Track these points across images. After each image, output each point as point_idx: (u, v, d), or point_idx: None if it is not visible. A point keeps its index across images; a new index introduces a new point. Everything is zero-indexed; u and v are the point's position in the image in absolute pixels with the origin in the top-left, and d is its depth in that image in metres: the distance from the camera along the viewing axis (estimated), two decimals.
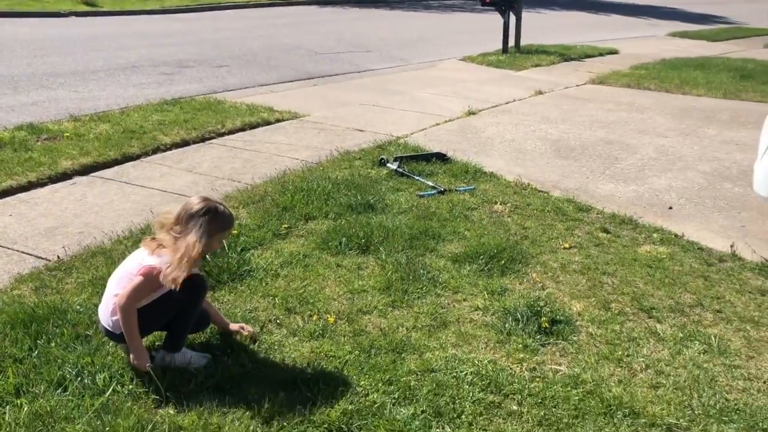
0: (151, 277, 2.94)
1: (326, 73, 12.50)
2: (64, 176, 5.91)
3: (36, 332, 3.30)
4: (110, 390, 2.93)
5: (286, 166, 6.39)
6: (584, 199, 5.90)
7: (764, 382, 3.27)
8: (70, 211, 5.14)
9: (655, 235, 5.15)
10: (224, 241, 3.22)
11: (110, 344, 3.27)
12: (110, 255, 4.27)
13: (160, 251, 2.98)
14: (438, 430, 2.81)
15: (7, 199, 5.33)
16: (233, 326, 3.43)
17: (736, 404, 3.08)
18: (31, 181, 5.68)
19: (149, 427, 2.73)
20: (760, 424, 2.95)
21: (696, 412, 3.01)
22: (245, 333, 3.40)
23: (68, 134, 6.93)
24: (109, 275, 3.84)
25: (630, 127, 8.81)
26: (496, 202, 5.63)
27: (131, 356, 3.04)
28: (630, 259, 4.66)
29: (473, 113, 9.26)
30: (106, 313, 3.09)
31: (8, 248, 4.43)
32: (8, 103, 8.57)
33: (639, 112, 9.86)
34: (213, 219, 3.02)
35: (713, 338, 3.64)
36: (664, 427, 2.91)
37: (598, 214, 5.58)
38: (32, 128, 7.04)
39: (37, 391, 2.92)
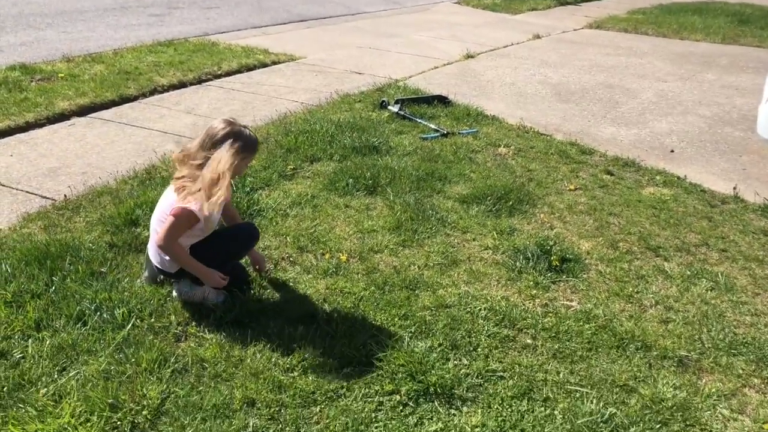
0: (182, 217, 2.90)
1: (319, 15, 12.26)
2: (62, 117, 5.81)
3: (51, 269, 3.30)
4: (130, 324, 2.95)
5: (286, 108, 6.31)
6: (587, 142, 5.90)
7: None
8: (71, 151, 5.07)
9: (658, 178, 5.18)
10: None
11: (126, 280, 3.28)
12: (117, 194, 4.24)
13: (186, 189, 2.91)
14: (456, 361, 2.87)
15: (6, 139, 5.24)
16: (256, 255, 3.44)
17: (744, 338, 3.16)
18: (29, 122, 5.58)
19: (171, 359, 2.77)
20: None
21: (706, 345, 3.09)
22: (263, 268, 3.41)
23: (62, 75, 6.79)
24: (118, 215, 3.86)
25: (629, 72, 8.76)
26: (499, 145, 5.62)
27: (205, 283, 3.09)
28: (635, 200, 4.69)
29: (471, 57, 9.15)
30: (154, 252, 3.11)
31: (13, 188, 4.38)
32: None
33: (638, 56, 9.79)
34: (239, 142, 2.92)
35: (720, 276, 3.70)
36: (676, 359, 2.98)
37: (601, 156, 5.59)
38: (25, 69, 6.88)
39: (57, 326, 2.93)
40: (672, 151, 5.89)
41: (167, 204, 3.00)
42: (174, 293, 3.17)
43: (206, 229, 3.05)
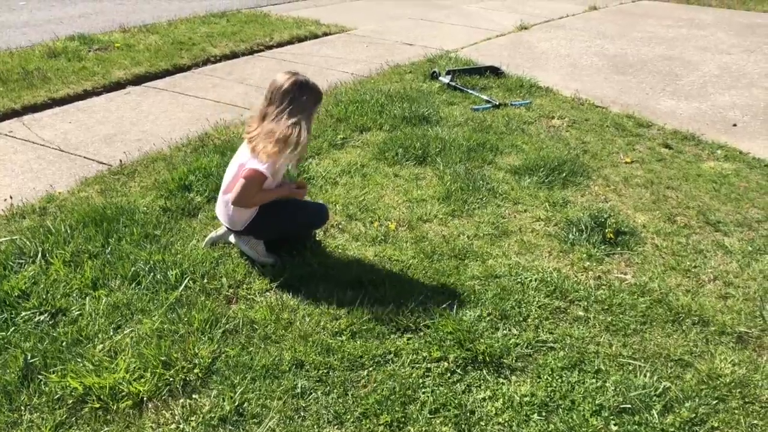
0: (253, 179, 2.91)
1: None
2: (118, 86, 5.92)
3: (107, 231, 3.38)
4: (183, 285, 3.00)
5: (336, 78, 6.29)
6: (644, 115, 5.71)
7: None
8: (127, 119, 5.17)
9: (719, 152, 4.99)
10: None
11: (179, 243, 3.33)
12: (170, 161, 4.31)
13: (258, 146, 2.89)
14: (505, 331, 2.83)
15: (66, 107, 5.37)
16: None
17: None
18: (87, 90, 5.71)
19: (223, 320, 2.81)
20: None
21: None
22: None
23: (119, 45, 6.91)
24: (171, 180, 3.92)
25: (690, 44, 8.43)
26: (553, 117, 5.49)
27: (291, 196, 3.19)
28: (694, 174, 4.53)
29: (525, 28, 8.95)
30: (222, 211, 3.15)
31: (71, 153, 4.50)
32: (57, 15, 8.54)
33: (699, 28, 9.41)
34: (305, 92, 2.91)
35: None
36: (735, 335, 2.88)
37: (659, 130, 5.41)
38: (83, 39, 7.03)
39: (112, 285, 3.01)
40: (735, 125, 5.65)
41: (240, 162, 3.00)
42: (233, 237, 3.23)
43: (273, 181, 3.05)
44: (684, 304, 3.06)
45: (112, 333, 2.72)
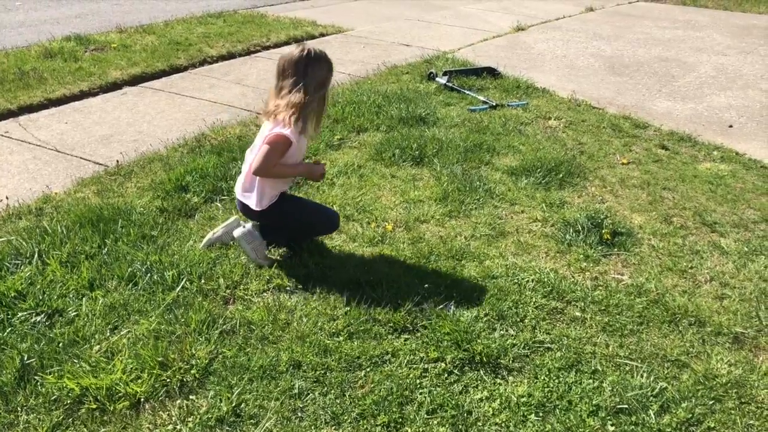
0: (276, 143, 2.88)
1: None
2: (114, 86, 5.92)
3: (104, 231, 3.37)
4: (180, 286, 3.00)
5: (333, 79, 6.26)
6: (641, 116, 5.73)
7: None
8: (124, 119, 5.16)
9: (715, 153, 5.01)
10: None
11: (176, 244, 3.33)
12: (167, 161, 4.30)
13: (279, 115, 2.89)
14: (502, 332, 2.83)
15: (62, 107, 5.36)
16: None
17: None
18: (83, 90, 5.70)
19: (220, 321, 2.80)
20: None
21: (763, 322, 2.98)
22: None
23: (115, 45, 6.90)
24: (168, 181, 3.92)
25: (687, 45, 8.45)
26: (550, 118, 5.50)
27: (310, 178, 3.26)
28: (690, 175, 4.54)
29: (522, 29, 8.96)
30: (239, 190, 3.13)
31: (67, 154, 4.49)
32: (53, 16, 8.53)
33: (696, 29, 9.43)
34: (316, 61, 2.91)
35: None
36: (731, 335, 2.88)
37: (655, 131, 5.42)
38: (80, 39, 7.02)
39: (109, 286, 3.00)
40: (731, 126, 5.67)
41: (260, 139, 2.98)
42: (237, 231, 3.19)
43: (297, 154, 3.03)
44: (680, 304, 3.07)
45: (108, 334, 2.72)
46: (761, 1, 11.40)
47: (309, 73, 2.88)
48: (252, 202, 3.07)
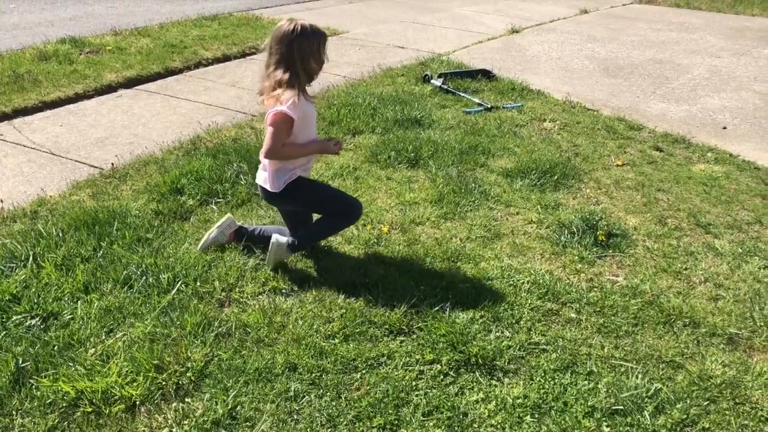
0: (278, 123, 2.85)
1: None
2: (109, 89, 5.91)
3: (99, 234, 3.36)
4: (175, 289, 2.99)
5: (329, 81, 6.29)
6: (635, 118, 5.75)
7: None
8: (119, 122, 5.16)
9: (709, 154, 5.03)
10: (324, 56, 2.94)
11: (171, 246, 3.33)
12: (162, 164, 4.30)
13: (273, 96, 2.86)
14: (497, 333, 2.84)
15: (57, 110, 5.35)
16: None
17: None
18: (78, 93, 5.69)
19: (215, 323, 2.80)
20: None
21: (758, 323, 2.99)
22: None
23: (110, 48, 6.89)
24: (163, 183, 3.93)
25: (681, 47, 8.49)
26: (545, 120, 5.52)
27: (326, 152, 3.20)
28: (684, 176, 4.56)
29: (516, 31, 8.98)
30: (258, 177, 3.13)
31: (63, 157, 4.48)
32: (48, 18, 8.51)
33: (690, 32, 9.47)
34: (302, 36, 2.81)
35: None
36: (725, 336, 2.90)
37: (649, 132, 5.44)
38: (75, 42, 7.01)
39: (104, 289, 3.00)
40: (724, 127, 5.70)
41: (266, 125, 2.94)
42: (273, 238, 3.16)
43: (304, 129, 2.97)
44: (675, 305, 3.08)
45: (104, 337, 2.71)
46: (754, 3, 11.45)
47: (294, 49, 2.81)
48: (268, 185, 3.05)
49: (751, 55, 8.14)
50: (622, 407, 2.46)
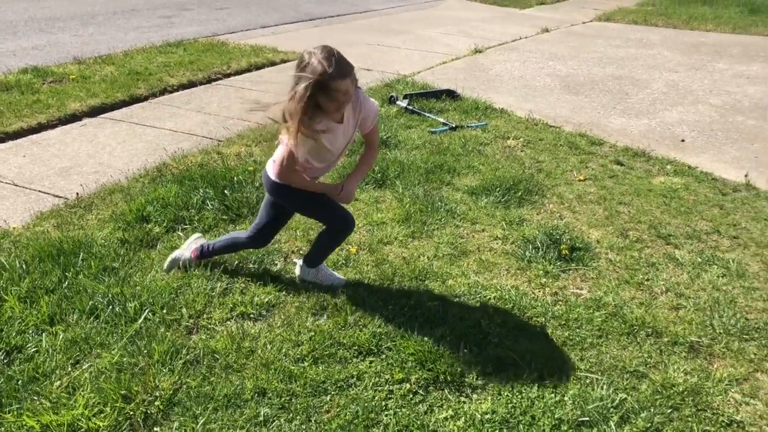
0: (283, 161, 2.80)
1: (327, 14, 12.29)
2: (74, 118, 5.87)
3: (64, 265, 3.33)
4: (142, 318, 2.98)
5: None
6: (596, 133, 5.88)
7: None
8: (83, 151, 5.12)
9: (668, 167, 5.16)
10: (341, 95, 2.64)
11: (138, 275, 3.31)
12: (128, 192, 4.28)
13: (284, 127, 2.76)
14: (465, 350, 2.87)
15: (19, 140, 5.30)
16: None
17: (756, 323, 3.14)
18: (41, 123, 5.64)
19: (183, 351, 2.79)
20: None
21: (717, 331, 3.07)
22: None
23: (74, 77, 6.86)
24: (129, 212, 3.91)
25: (639, 63, 8.71)
26: (508, 137, 5.61)
27: (334, 198, 3.06)
28: (645, 189, 4.67)
29: (480, 51, 9.14)
30: (268, 165, 3.05)
31: (26, 188, 4.43)
32: (9, 48, 8.44)
33: (648, 48, 9.73)
34: (307, 68, 2.55)
35: (731, 262, 3.68)
36: (687, 345, 2.97)
37: (610, 147, 5.56)
38: (37, 71, 6.95)
39: (70, 320, 2.97)
40: (683, 140, 5.85)
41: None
42: (298, 271, 3.28)
43: (332, 143, 2.85)
44: (638, 316, 3.15)
45: (70, 369, 2.69)
46: (708, 19, 11.81)
47: (298, 86, 2.59)
48: (271, 170, 2.98)
49: (707, 69, 8.39)
50: (588, 419, 2.50)
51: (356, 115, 2.92)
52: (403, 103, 6.30)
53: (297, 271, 3.37)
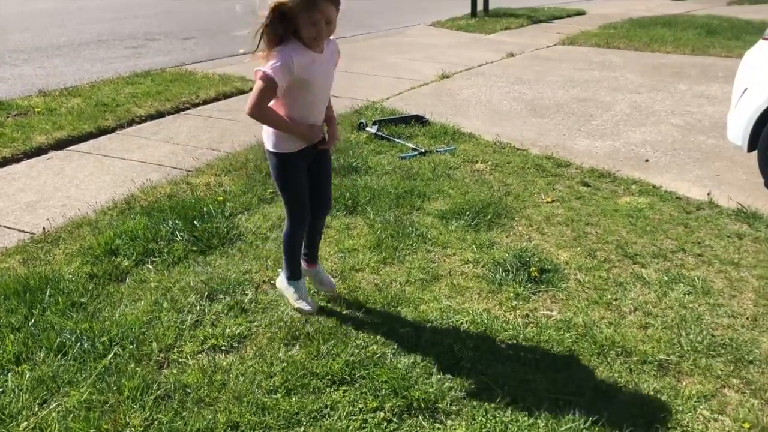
0: (258, 84, 2.75)
1: None
2: (40, 151, 5.81)
3: (30, 302, 3.28)
4: (111, 353, 2.94)
5: None
6: (562, 155, 5.98)
7: (747, 318, 3.40)
8: (50, 185, 5.07)
9: (633, 187, 5.26)
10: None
11: (107, 309, 3.27)
12: (96, 225, 4.24)
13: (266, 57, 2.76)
14: (439, 375, 2.88)
15: None
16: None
17: (722, 340, 3.20)
18: (6, 157, 5.57)
19: (154, 386, 2.76)
20: (746, 356, 3.07)
21: (685, 348, 3.12)
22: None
23: (39, 109, 6.79)
24: (97, 245, 3.87)
25: (603, 85, 8.91)
26: (477, 161, 5.68)
27: (304, 140, 2.99)
28: (611, 210, 4.75)
29: (447, 77, 9.27)
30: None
31: None
32: None
33: (610, 70, 9.96)
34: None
35: (697, 280, 3.75)
36: (656, 363, 3.01)
37: (576, 169, 5.66)
38: (1, 104, 6.88)
39: (37, 358, 2.92)
40: (647, 160, 5.98)
41: None
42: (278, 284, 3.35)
43: (311, 73, 2.82)
44: (607, 336, 3.19)
45: (37, 409, 2.63)
46: (667, 41, 12.14)
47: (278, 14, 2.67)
48: (266, 138, 3.03)
49: (668, 90, 8.61)
50: None
51: (332, 52, 2.97)
52: (373, 129, 6.35)
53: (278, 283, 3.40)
